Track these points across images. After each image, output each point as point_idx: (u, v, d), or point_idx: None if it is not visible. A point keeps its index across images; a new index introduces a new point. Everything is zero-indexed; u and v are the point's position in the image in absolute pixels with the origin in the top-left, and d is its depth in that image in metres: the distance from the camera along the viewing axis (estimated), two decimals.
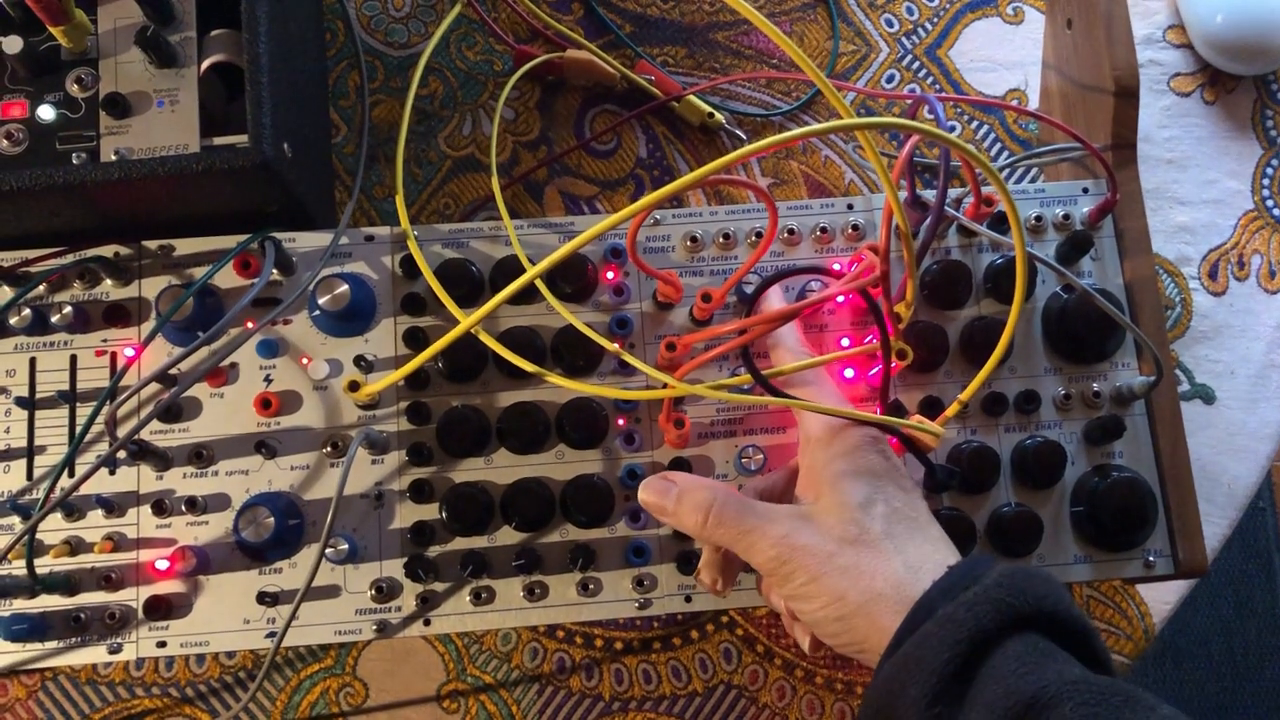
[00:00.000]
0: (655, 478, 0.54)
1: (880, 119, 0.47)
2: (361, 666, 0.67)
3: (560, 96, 0.75)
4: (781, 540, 0.49)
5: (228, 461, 0.60)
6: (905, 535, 0.48)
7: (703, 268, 0.63)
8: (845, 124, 0.45)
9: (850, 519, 0.49)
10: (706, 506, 0.51)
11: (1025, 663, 0.42)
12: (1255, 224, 0.75)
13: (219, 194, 0.60)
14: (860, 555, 0.47)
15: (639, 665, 0.68)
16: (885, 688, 0.44)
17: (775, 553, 0.49)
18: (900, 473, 0.52)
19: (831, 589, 0.47)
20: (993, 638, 0.42)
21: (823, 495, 0.50)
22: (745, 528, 0.50)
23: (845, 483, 0.50)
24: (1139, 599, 0.69)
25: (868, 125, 0.45)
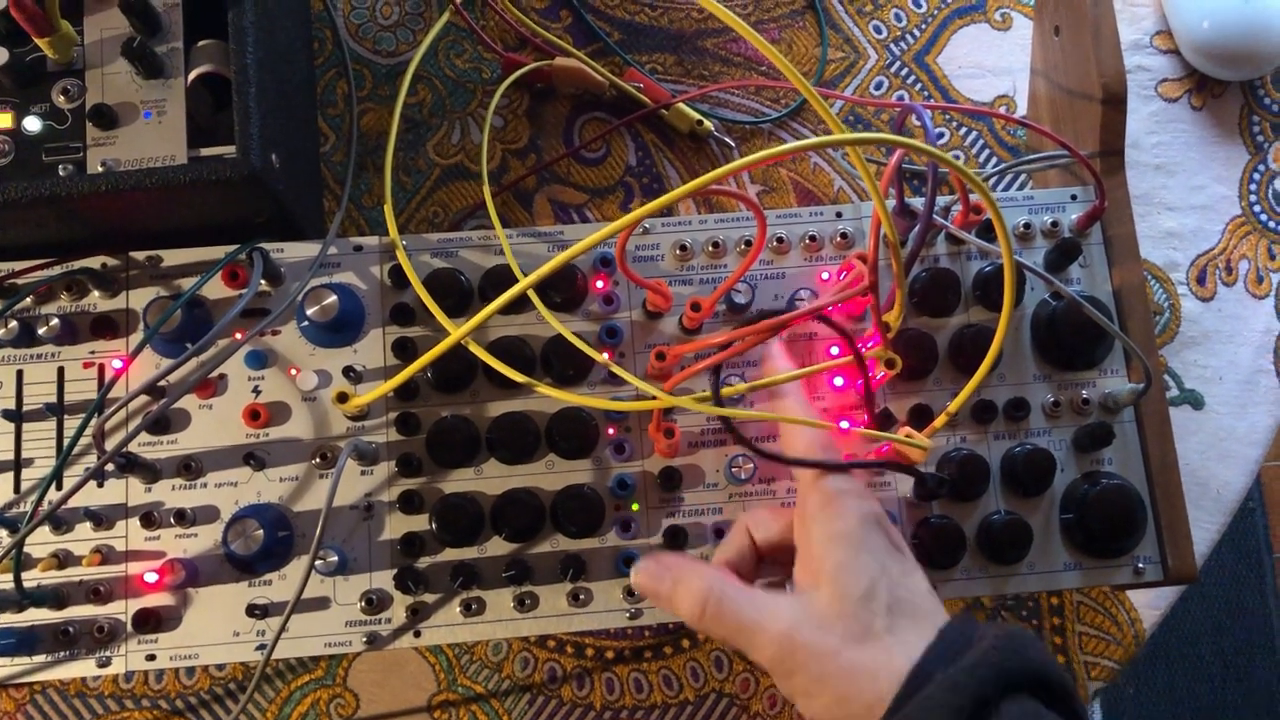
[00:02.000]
0: (648, 560, 0.53)
1: (866, 135, 0.48)
2: (352, 677, 0.67)
3: (549, 104, 0.75)
4: (783, 639, 0.47)
5: (217, 473, 0.60)
6: (908, 627, 0.47)
7: (692, 276, 0.63)
8: (832, 140, 0.45)
9: (853, 614, 0.47)
10: (703, 598, 0.49)
11: None
12: (1243, 229, 0.75)
13: (207, 205, 0.59)
14: (864, 653, 0.46)
15: (630, 674, 0.68)
16: None
17: (777, 651, 0.47)
18: (899, 549, 0.50)
19: (835, 690, 0.46)
20: (992, 701, 0.42)
21: (822, 585, 0.49)
22: (744, 623, 0.48)
23: (846, 573, 0.48)
24: (1129, 605, 0.69)
25: (854, 141, 0.45)
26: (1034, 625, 0.69)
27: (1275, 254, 0.75)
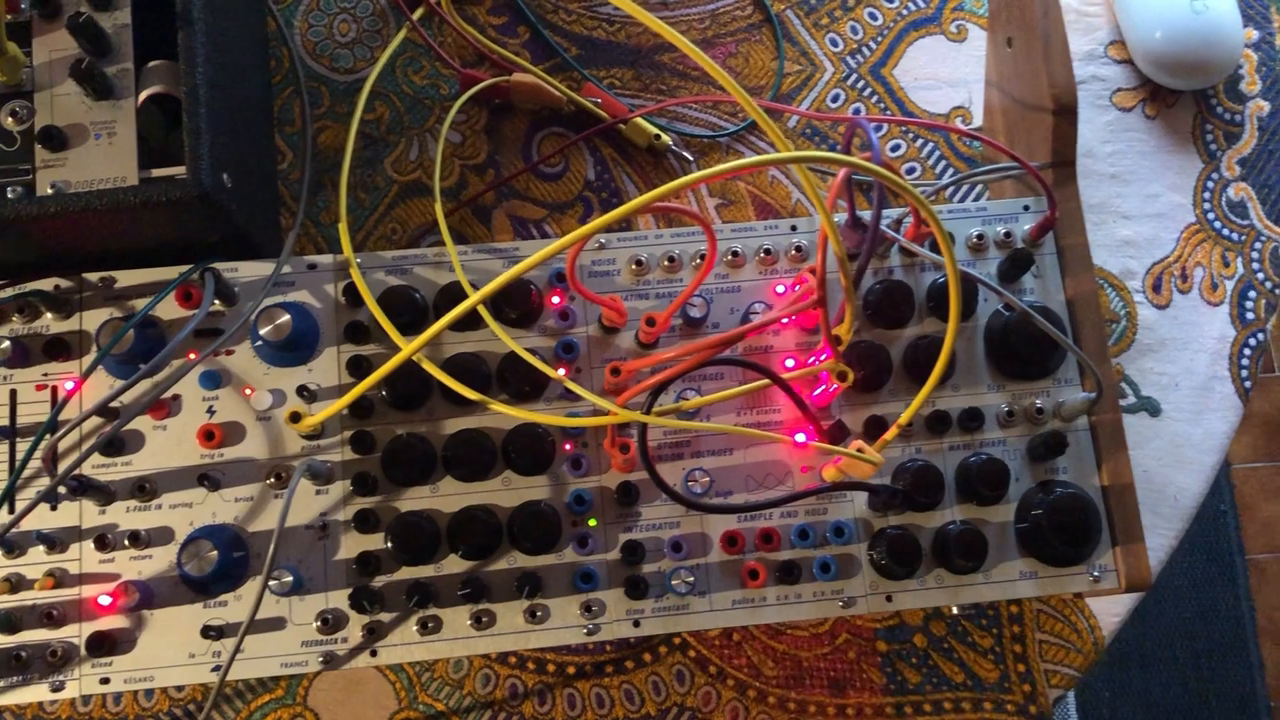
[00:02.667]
0: None
1: (809, 154, 0.48)
2: (313, 696, 0.67)
3: (507, 120, 0.75)
4: None
5: (171, 494, 0.60)
6: None
7: (648, 290, 0.63)
8: (775, 158, 0.45)
9: None
10: None
11: None
12: (1197, 236, 0.76)
13: (159, 225, 0.59)
14: None
15: (592, 689, 0.68)
16: None
17: None
18: None
19: None
20: None
21: None
22: None
23: None
24: (1088, 611, 0.70)
25: (796, 159, 0.45)
26: (994, 634, 0.69)
27: (1229, 261, 0.76)
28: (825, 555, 0.60)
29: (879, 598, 0.60)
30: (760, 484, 0.61)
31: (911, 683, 0.68)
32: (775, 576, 0.60)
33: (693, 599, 0.59)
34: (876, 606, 0.60)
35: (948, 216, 0.64)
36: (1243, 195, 0.77)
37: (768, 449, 0.62)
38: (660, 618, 0.59)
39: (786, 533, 0.60)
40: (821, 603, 0.60)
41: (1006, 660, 0.69)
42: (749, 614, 0.60)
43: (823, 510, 0.61)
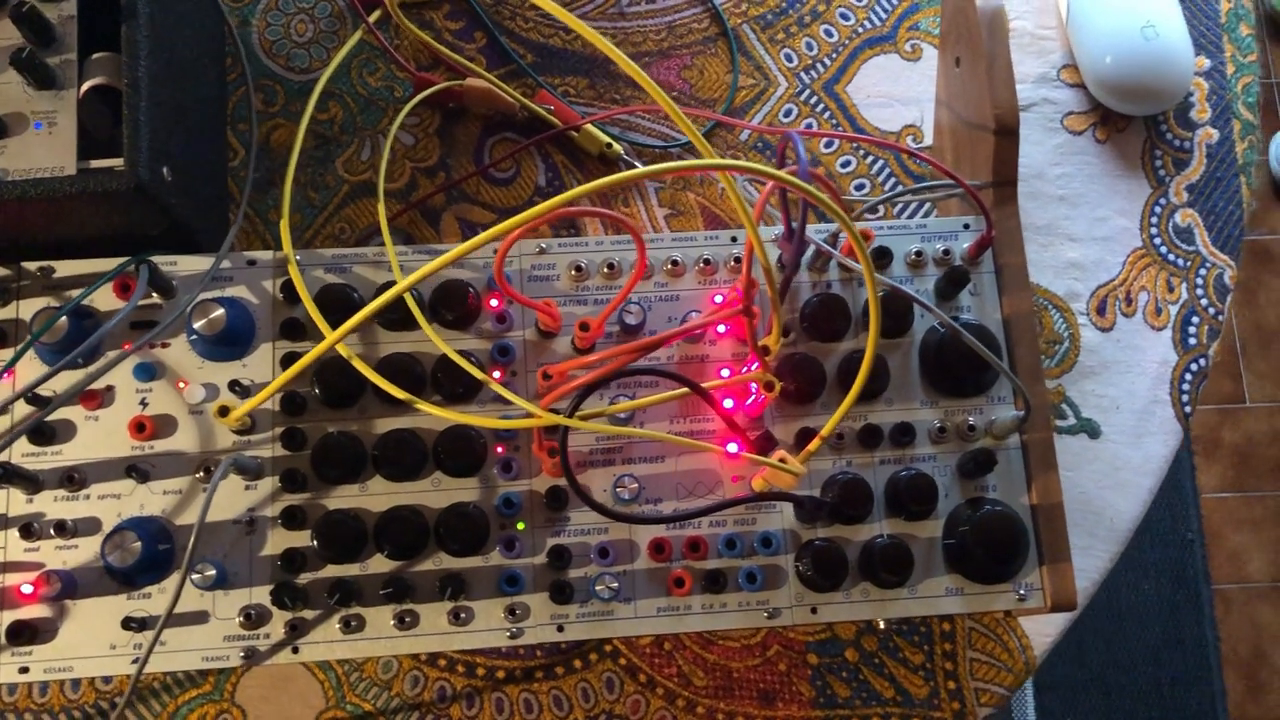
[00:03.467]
0: None
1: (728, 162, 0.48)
2: (240, 693, 0.67)
3: (460, 124, 0.76)
4: None
5: (100, 485, 0.60)
6: None
7: (587, 297, 0.64)
8: (694, 165, 0.45)
9: None
10: None
11: None
12: (1143, 261, 0.76)
13: (97, 217, 0.60)
14: None
15: (520, 694, 0.68)
16: None
17: None
18: None
19: None
20: None
21: None
22: None
23: None
24: (1020, 631, 0.70)
25: (715, 167, 0.45)
26: (925, 650, 0.69)
27: (1174, 286, 0.76)
28: (752, 565, 0.60)
29: (804, 609, 0.60)
30: (690, 492, 0.61)
31: (841, 697, 0.68)
32: (701, 585, 0.60)
33: (617, 605, 0.59)
34: (801, 618, 0.60)
35: (887, 233, 0.65)
36: (1190, 222, 0.77)
37: (700, 458, 0.62)
38: (585, 623, 0.59)
39: (714, 542, 0.60)
40: (746, 613, 0.60)
41: (937, 677, 0.69)
42: (673, 622, 0.60)
43: (751, 520, 0.61)
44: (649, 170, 0.44)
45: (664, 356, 0.63)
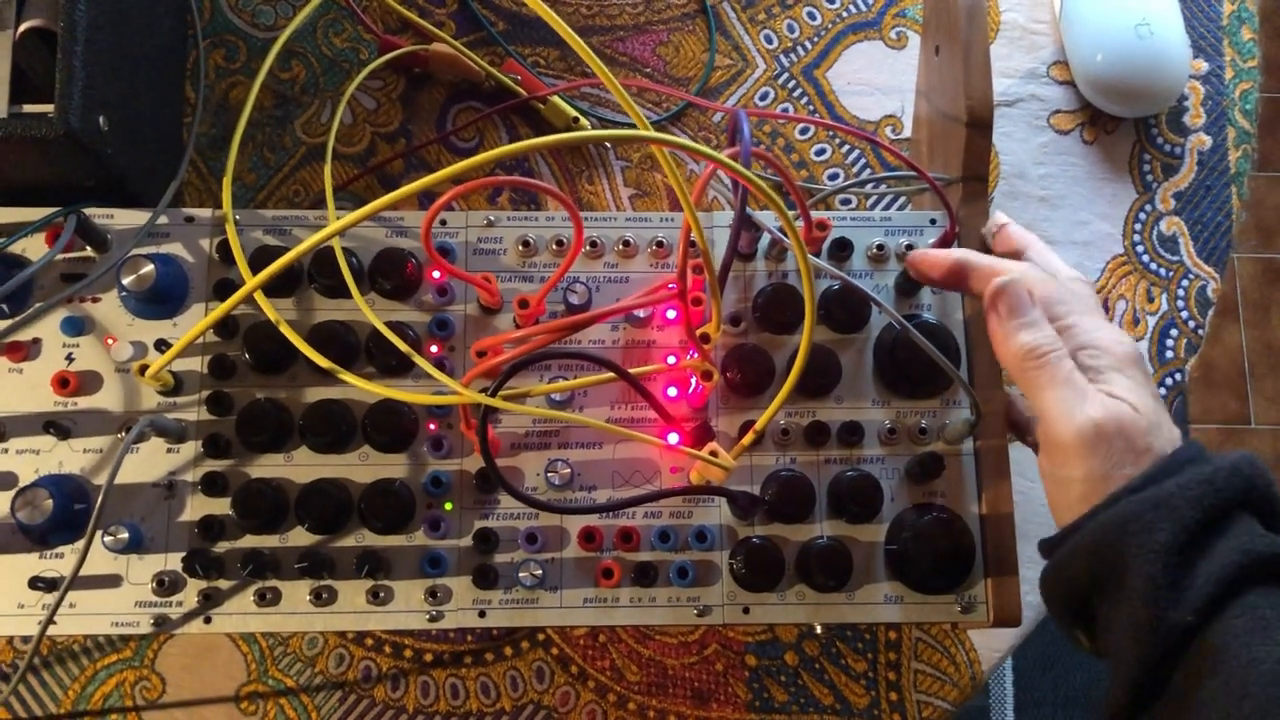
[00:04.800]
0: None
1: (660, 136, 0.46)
2: (161, 660, 0.65)
3: (425, 90, 0.74)
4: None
5: (19, 439, 0.58)
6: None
7: (533, 273, 0.61)
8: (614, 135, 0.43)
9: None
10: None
11: (1256, 533, 0.45)
12: (1123, 269, 0.74)
13: (28, 164, 0.58)
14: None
15: (447, 679, 0.66)
16: (1121, 525, 0.45)
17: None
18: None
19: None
20: (1233, 509, 0.45)
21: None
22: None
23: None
24: (969, 645, 0.67)
25: (642, 139, 0.43)
26: (869, 658, 0.67)
27: (1154, 297, 0.73)
28: (684, 560, 0.58)
29: (736, 608, 0.58)
30: (627, 481, 0.59)
31: (778, 701, 0.66)
32: (630, 578, 0.58)
33: (543, 594, 0.57)
34: (733, 617, 0.57)
35: (849, 224, 0.62)
36: (1175, 230, 0.74)
37: (639, 447, 0.59)
38: (507, 610, 0.57)
39: (647, 534, 0.58)
40: (676, 609, 0.58)
41: (879, 687, 0.67)
42: (599, 614, 0.58)
43: (688, 514, 0.59)
44: (563, 138, 0.42)
45: (609, 340, 0.61)
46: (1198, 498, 0.45)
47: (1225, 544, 0.44)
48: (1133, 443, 0.48)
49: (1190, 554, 0.44)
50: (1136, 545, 0.45)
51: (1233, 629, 0.43)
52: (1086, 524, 0.47)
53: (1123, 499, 0.46)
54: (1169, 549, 0.44)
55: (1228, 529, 0.45)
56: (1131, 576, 0.45)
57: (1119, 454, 0.48)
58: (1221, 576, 0.44)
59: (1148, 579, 0.44)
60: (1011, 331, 0.52)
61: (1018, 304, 0.52)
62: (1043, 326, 0.52)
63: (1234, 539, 0.44)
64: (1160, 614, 0.44)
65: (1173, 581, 0.44)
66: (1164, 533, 0.44)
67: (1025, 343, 0.51)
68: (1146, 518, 0.45)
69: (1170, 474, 0.47)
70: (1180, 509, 0.45)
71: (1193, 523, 0.44)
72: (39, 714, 0.64)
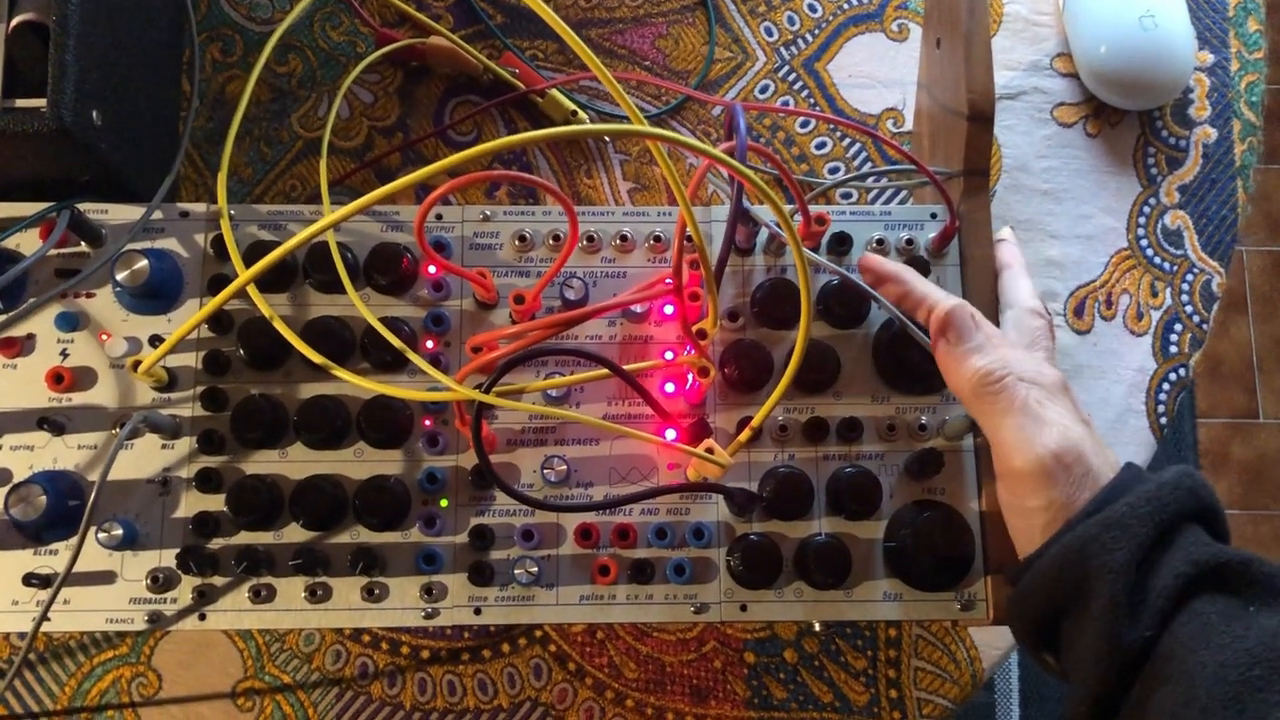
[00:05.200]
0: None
1: (655, 130, 0.45)
2: (157, 657, 0.65)
3: (422, 84, 0.73)
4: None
5: (13, 435, 0.58)
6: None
7: (530, 269, 0.61)
8: (608, 129, 0.42)
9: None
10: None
11: (1202, 542, 0.46)
12: (1127, 263, 0.73)
13: (21, 158, 0.57)
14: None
15: (444, 676, 0.65)
16: (1081, 549, 0.47)
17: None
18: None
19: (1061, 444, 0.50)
20: (1181, 521, 0.47)
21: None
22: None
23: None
24: (969, 642, 0.67)
25: (636, 133, 0.42)
26: (868, 655, 0.66)
27: (1158, 291, 0.72)
28: (681, 557, 0.57)
29: (733, 606, 0.57)
30: (624, 477, 0.59)
31: (777, 698, 0.66)
32: (627, 575, 0.57)
33: (539, 591, 0.57)
34: (730, 615, 0.57)
35: (849, 218, 0.62)
36: (1179, 224, 0.74)
37: (636, 444, 0.59)
38: (503, 607, 0.57)
39: (644, 531, 0.58)
40: (673, 606, 0.57)
41: (879, 684, 0.66)
42: (596, 611, 0.57)
43: (685, 511, 0.58)
44: (557, 132, 0.41)
45: (606, 336, 0.60)
46: (1149, 514, 0.46)
47: (1173, 556, 0.46)
48: (1087, 468, 0.49)
49: (1145, 570, 0.46)
50: (1097, 567, 0.46)
51: (1180, 637, 0.44)
52: (1047, 551, 0.49)
53: (1079, 524, 0.48)
54: (1126, 568, 0.45)
55: (1175, 541, 0.47)
56: (1094, 598, 0.46)
57: (1078, 480, 0.49)
58: (1173, 588, 0.45)
59: (1109, 599, 0.45)
60: (961, 357, 0.53)
61: (964, 330, 0.53)
62: (991, 351, 0.53)
63: (1181, 550, 0.46)
64: (1119, 630, 0.45)
65: (1131, 599, 0.45)
66: (1122, 552, 0.46)
67: (978, 367, 0.52)
68: (1103, 539, 0.46)
69: (1119, 495, 0.48)
70: (1133, 527, 0.46)
71: (1147, 539, 0.46)
72: (36, 710, 0.64)
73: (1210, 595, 0.45)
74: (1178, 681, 0.43)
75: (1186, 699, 0.43)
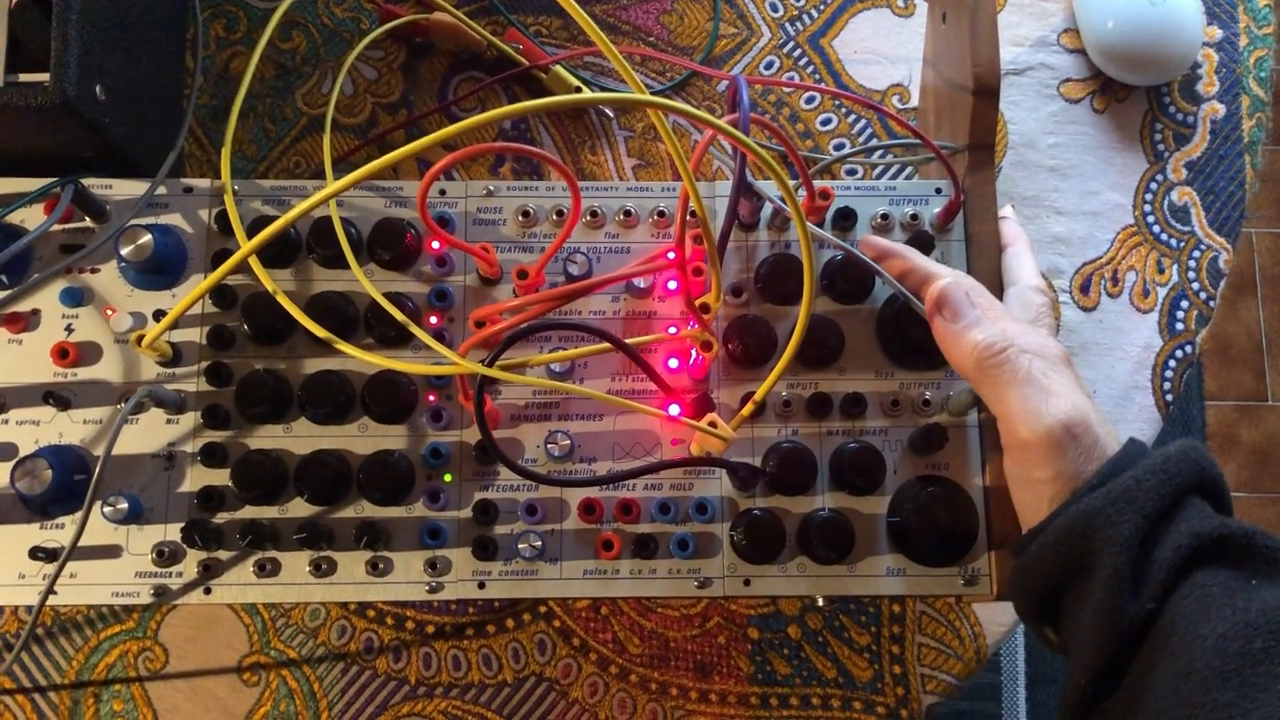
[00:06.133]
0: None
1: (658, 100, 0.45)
2: (164, 631, 0.65)
3: (426, 60, 0.73)
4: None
5: (19, 410, 0.58)
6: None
7: (533, 244, 0.61)
8: (613, 98, 0.42)
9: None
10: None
11: (1205, 515, 0.47)
12: (1133, 239, 0.72)
13: (25, 133, 0.58)
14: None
15: (449, 650, 0.66)
16: (1085, 521, 0.47)
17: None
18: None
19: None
20: (1185, 494, 0.47)
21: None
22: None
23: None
24: (974, 619, 0.67)
25: (639, 103, 0.42)
26: (872, 631, 0.66)
27: (1164, 268, 0.72)
28: (685, 532, 0.57)
29: (737, 580, 0.57)
30: (628, 453, 0.59)
31: (780, 674, 0.66)
32: (630, 549, 0.57)
33: (542, 565, 0.57)
34: (733, 589, 0.57)
35: (852, 193, 0.61)
36: (1186, 200, 0.73)
37: (640, 419, 0.59)
38: (507, 581, 0.57)
39: (647, 505, 0.58)
40: (676, 580, 0.57)
41: (882, 660, 0.66)
42: (599, 585, 0.57)
43: (688, 486, 0.58)
44: (560, 100, 0.41)
45: (610, 311, 0.60)
46: (1154, 487, 0.46)
47: (1176, 529, 0.46)
48: (1095, 438, 0.49)
49: (1149, 544, 0.46)
50: (1101, 539, 0.46)
51: (1181, 609, 0.44)
52: (1052, 524, 0.49)
53: (1084, 496, 0.48)
54: (1131, 541, 0.45)
55: (1178, 514, 0.47)
56: (1098, 571, 0.46)
57: (1086, 450, 0.49)
58: (1174, 561, 0.45)
59: (1113, 571, 0.45)
60: (960, 332, 0.53)
61: (959, 306, 0.53)
62: (989, 324, 0.53)
63: (1183, 523, 0.46)
64: (1122, 603, 0.45)
65: (1134, 572, 0.45)
66: (1127, 525, 0.46)
67: (978, 341, 0.52)
68: (1108, 512, 0.46)
69: (1124, 467, 0.48)
70: (1139, 500, 0.46)
71: (1153, 512, 0.46)
72: (44, 684, 0.65)
73: (1212, 568, 0.46)
74: (1178, 653, 0.43)
75: (1187, 671, 0.43)
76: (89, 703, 0.64)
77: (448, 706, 0.65)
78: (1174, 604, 0.45)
